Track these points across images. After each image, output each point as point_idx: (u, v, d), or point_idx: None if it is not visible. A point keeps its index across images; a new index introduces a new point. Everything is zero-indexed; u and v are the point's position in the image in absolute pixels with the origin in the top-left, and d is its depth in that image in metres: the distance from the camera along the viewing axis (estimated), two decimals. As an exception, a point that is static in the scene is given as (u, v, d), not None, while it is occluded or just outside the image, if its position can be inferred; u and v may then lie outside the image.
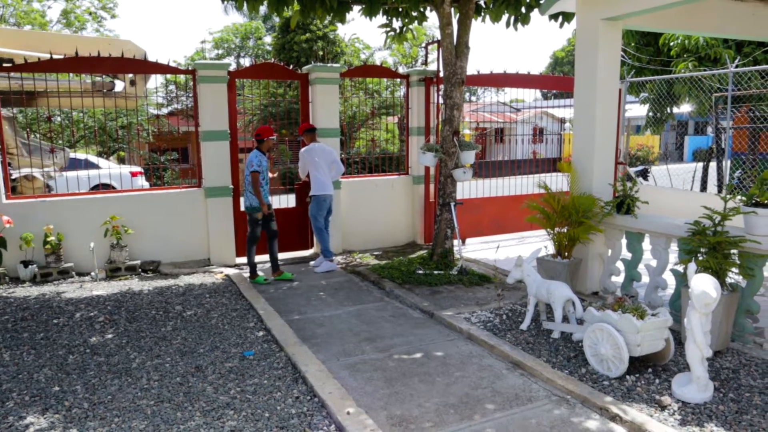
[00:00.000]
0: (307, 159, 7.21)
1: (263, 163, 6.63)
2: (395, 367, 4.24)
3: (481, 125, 22.49)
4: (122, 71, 7.30)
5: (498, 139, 23.59)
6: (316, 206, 7.19)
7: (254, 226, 6.66)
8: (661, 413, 3.43)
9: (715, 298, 3.44)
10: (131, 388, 3.92)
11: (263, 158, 6.64)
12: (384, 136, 16.44)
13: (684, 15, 6.01)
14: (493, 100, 25.09)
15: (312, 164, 7.17)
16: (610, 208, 5.41)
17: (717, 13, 6.15)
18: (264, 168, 6.61)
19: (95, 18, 19.02)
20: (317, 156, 7.16)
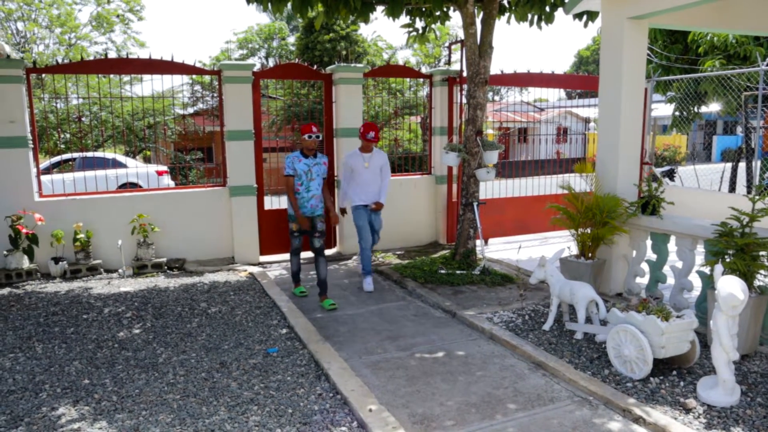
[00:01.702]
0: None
1: (299, 166, 5.75)
2: (417, 365, 4.26)
3: (505, 125, 22.37)
4: (150, 72, 7.43)
5: (522, 138, 23.43)
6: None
7: (291, 237, 6.06)
8: (685, 416, 3.39)
9: (742, 300, 3.39)
10: (158, 383, 4.00)
11: (306, 161, 5.78)
12: (407, 136, 16.46)
13: (712, 12, 5.92)
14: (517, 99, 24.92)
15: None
16: (635, 209, 5.36)
17: (747, 10, 6.05)
18: (303, 172, 5.76)
19: (123, 20, 19.38)
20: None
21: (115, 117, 14.40)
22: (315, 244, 5.89)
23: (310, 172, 5.81)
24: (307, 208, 5.84)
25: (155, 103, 11.09)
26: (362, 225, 6.32)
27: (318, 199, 5.87)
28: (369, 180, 6.39)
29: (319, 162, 5.87)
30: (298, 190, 5.80)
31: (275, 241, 7.86)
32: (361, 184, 6.39)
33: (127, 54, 19.11)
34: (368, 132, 6.28)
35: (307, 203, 5.84)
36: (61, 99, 12.95)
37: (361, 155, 6.38)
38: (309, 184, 5.80)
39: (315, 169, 5.83)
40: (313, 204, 5.86)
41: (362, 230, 6.32)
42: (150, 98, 9.72)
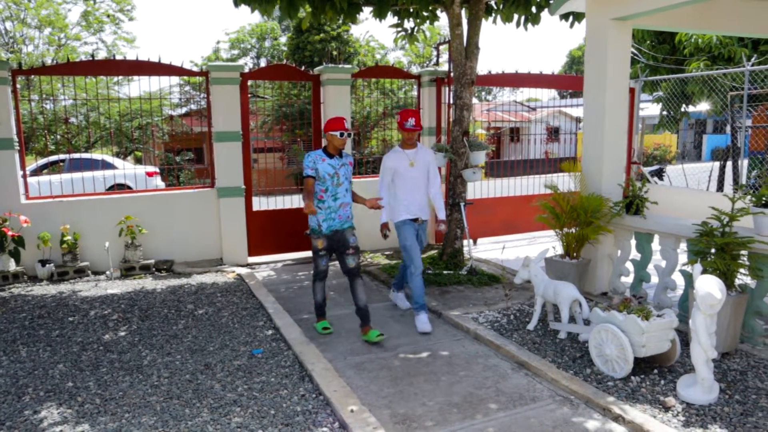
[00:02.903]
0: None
1: (323, 167, 4.70)
2: (401, 366, 4.28)
3: (496, 125, 22.42)
4: (138, 73, 7.42)
5: (513, 138, 23.50)
6: None
7: (315, 256, 4.91)
8: (664, 414, 3.42)
9: (719, 299, 3.43)
10: (142, 385, 4.00)
11: (332, 161, 4.74)
12: (399, 135, 16.49)
13: (696, 14, 5.97)
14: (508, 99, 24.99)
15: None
16: (619, 209, 5.39)
17: (729, 12, 6.10)
18: (328, 174, 4.70)
19: (113, 20, 19.31)
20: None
21: (105, 118, 14.37)
22: (349, 264, 4.80)
23: (336, 176, 4.72)
24: (335, 220, 4.76)
25: (145, 104, 11.05)
26: (411, 245, 5.07)
27: (348, 208, 4.85)
28: (415, 184, 5.12)
29: (345, 162, 4.85)
30: (322, 197, 4.72)
31: (264, 242, 7.87)
32: (405, 190, 5.07)
33: (114, 55, 18.96)
34: (407, 119, 4.98)
35: (335, 214, 4.77)
36: (50, 100, 12.89)
37: (403, 153, 5.11)
38: (336, 190, 4.74)
39: (342, 171, 4.78)
40: (343, 215, 4.80)
41: (411, 251, 5.06)
42: (139, 99, 9.67)
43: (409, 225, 5.13)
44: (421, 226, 5.29)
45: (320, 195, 4.74)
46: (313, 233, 4.83)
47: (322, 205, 4.74)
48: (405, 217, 5.12)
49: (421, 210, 5.20)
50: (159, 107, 11.44)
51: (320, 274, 5.01)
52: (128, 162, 15.09)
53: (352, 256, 4.82)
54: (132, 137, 15.22)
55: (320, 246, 4.85)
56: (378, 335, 4.71)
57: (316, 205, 4.73)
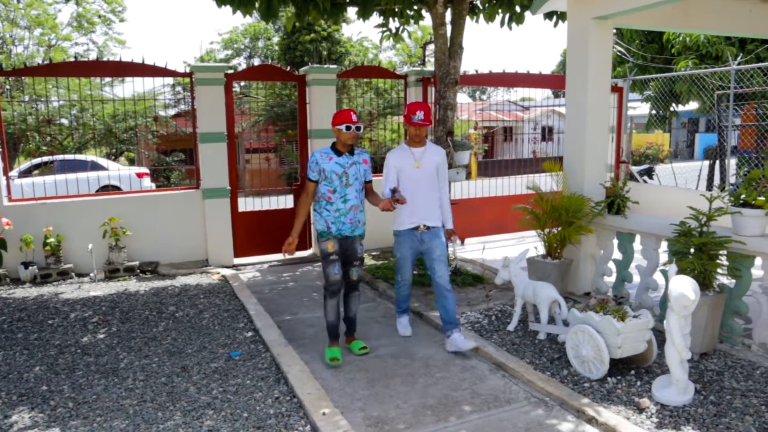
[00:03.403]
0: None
1: (329, 166, 4.24)
2: (378, 367, 4.26)
3: (489, 124, 22.40)
4: (122, 75, 7.39)
5: (506, 138, 23.49)
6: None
7: (325, 264, 4.31)
8: (638, 416, 3.41)
9: (693, 300, 3.42)
10: (116, 388, 3.97)
11: (340, 159, 4.28)
12: (390, 135, 16.45)
13: (679, 13, 5.96)
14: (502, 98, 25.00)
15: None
16: (601, 209, 5.38)
17: (713, 10, 6.09)
18: (335, 174, 4.24)
19: (104, 21, 19.25)
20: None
21: (95, 119, 14.30)
22: (352, 275, 4.44)
23: (345, 176, 4.26)
24: (345, 225, 4.30)
25: (135, 105, 11.01)
26: (403, 257, 4.67)
27: (359, 212, 4.36)
28: (420, 187, 4.52)
29: (358, 160, 4.34)
30: (330, 198, 4.26)
31: (250, 243, 7.84)
32: (408, 193, 4.44)
33: (97, 57, 19.00)
34: (415, 111, 4.42)
35: (345, 218, 4.28)
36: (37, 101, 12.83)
37: (409, 151, 4.57)
38: (345, 192, 4.27)
39: (352, 170, 4.31)
40: (353, 219, 4.32)
41: (402, 263, 4.72)
42: (125, 100, 9.63)
43: (406, 235, 4.59)
44: (428, 233, 4.56)
45: (328, 196, 4.28)
46: (322, 236, 4.32)
47: (330, 207, 4.29)
48: (404, 227, 4.57)
49: (426, 216, 4.56)
50: (149, 108, 11.41)
51: (333, 286, 4.31)
52: (118, 163, 15.04)
53: (357, 267, 4.46)
54: (122, 138, 15.17)
55: (331, 249, 4.28)
56: (361, 348, 4.50)
57: (324, 207, 4.31)
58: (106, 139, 14.17)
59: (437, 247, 4.57)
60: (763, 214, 4.18)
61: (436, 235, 4.59)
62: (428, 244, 4.58)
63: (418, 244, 4.62)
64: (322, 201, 4.35)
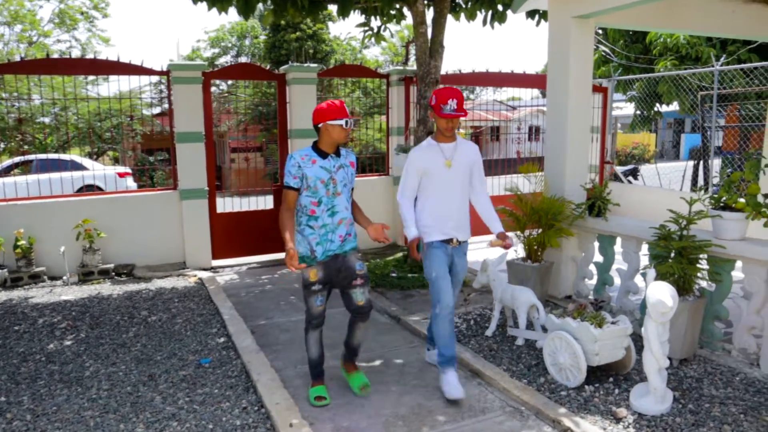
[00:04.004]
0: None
1: (312, 171, 3.47)
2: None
3: (476, 124, 22.33)
4: (95, 73, 7.23)
5: (493, 137, 23.42)
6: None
7: (306, 293, 3.61)
8: (615, 426, 3.32)
9: (671, 306, 3.33)
10: (79, 398, 3.83)
11: (325, 162, 3.52)
12: (376, 135, 16.35)
13: (661, 12, 5.88)
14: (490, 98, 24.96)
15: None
16: (581, 211, 5.30)
17: (695, 10, 6.03)
18: (319, 181, 3.48)
19: (87, 18, 18.96)
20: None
21: (76, 117, 14.08)
22: (357, 299, 3.59)
23: (332, 182, 3.50)
24: (333, 242, 3.54)
25: (119, 103, 10.80)
26: (439, 276, 3.70)
27: (349, 225, 3.63)
28: (452, 192, 3.76)
29: (345, 163, 3.61)
30: (314, 212, 3.49)
31: (228, 244, 7.70)
32: (438, 200, 3.73)
33: (82, 54, 18.73)
34: (446, 100, 3.57)
35: (333, 234, 3.54)
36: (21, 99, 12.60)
37: (437, 147, 3.73)
38: (333, 202, 3.52)
39: (340, 175, 3.55)
40: (343, 234, 3.58)
41: (439, 284, 3.70)
42: (110, 99, 9.42)
43: (438, 249, 3.73)
44: (458, 249, 3.84)
45: (311, 210, 3.49)
46: (303, 261, 3.49)
47: (314, 223, 3.49)
48: (434, 238, 3.73)
49: (459, 228, 3.79)
50: (131, 106, 11.22)
51: (315, 320, 3.65)
52: (100, 163, 14.81)
53: (362, 288, 3.58)
54: (103, 137, 14.94)
55: (313, 278, 3.51)
56: (362, 387, 3.74)
57: (306, 224, 3.50)
58: (88, 138, 13.93)
59: (461, 271, 3.90)
60: (743, 217, 4.11)
61: (464, 255, 3.92)
62: (454, 265, 3.85)
63: (448, 260, 3.81)
64: (302, 216, 3.52)
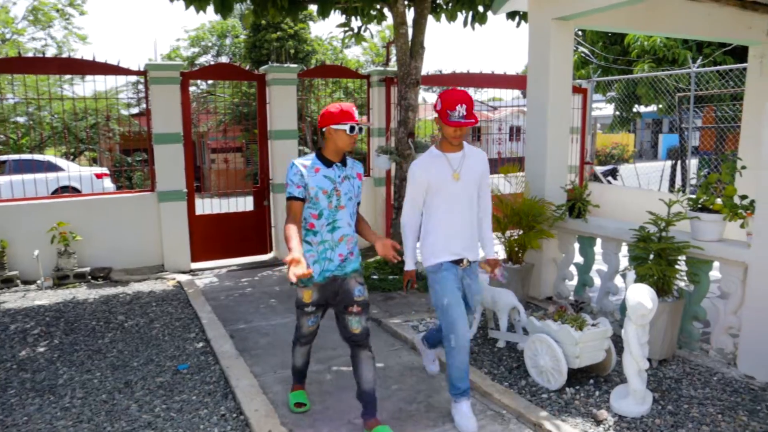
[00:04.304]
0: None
1: (316, 181, 3.14)
2: (332, 380, 4.10)
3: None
4: (69, 72, 7.08)
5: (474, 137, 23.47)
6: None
7: (299, 313, 3.39)
8: (596, 428, 3.32)
9: (650, 309, 3.34)
10: (51, 408, 3.73)
11: (329, 171, 3.18)
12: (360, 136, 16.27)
13: (639, 15, 5.93)
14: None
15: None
16: (562, 212, 5.31)
17: (673, 13, 6.08)
18: (321, 192, 3.14)
19: (63, 15, 18.62)
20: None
21: (53, 116, 13.82)
22: (353, 327, 3.23)
23: (336, 194, 3.17)
24: (332, 261, 3.21)
25: (92, 103, 10.62)
26: (450, 302, 3.33)
27: (351, 243, 3.26)
28: (460, 207, 3.40)
29: (351, 174, 3.26)
30: (312, 226, 3.18)
31: (208, 247, 7.61)
32: (445, 216, 3.39)
33: (40, 51, 18.35)
34: (454, 106, 3.18)
35: (332, 252, 3.20)
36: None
37: (443, 158, 3.37)
38: (335, 216, 3.18)
39: (345, 186, 3.21)
40: (345, 253, 3.23)
41: (451, 312, 3.33)
42: (82, 98, 9.25)
43: (448, 272, 3.37)
44: (469, 271, 3.49)
45: (310, 223, 3.17)
46: (300, 282, 3.17)
47: (313, 238, 3.17)
48: (443, 259, 3.36)
49: (469, 247, 3.44)
50: (107, 106, 11.03)
51: (304, 338, 3.46)
52: (77, 164, 14.56)
53: (358, 316, 3.21)
54: (79, 137, 14.69)
55: (307, 299, 3.25)
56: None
57: (303, 239, 3.17)
58: (64, 138, 13.67)
59: (475, 293, 3.58)
60: (720, 218, 4.15)
61: (475, 277, 3.57)
62: (467, 287, 3.50)
63: (459, 282, 3.44)
64: (301, 232, 3.20)
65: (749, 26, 6.27)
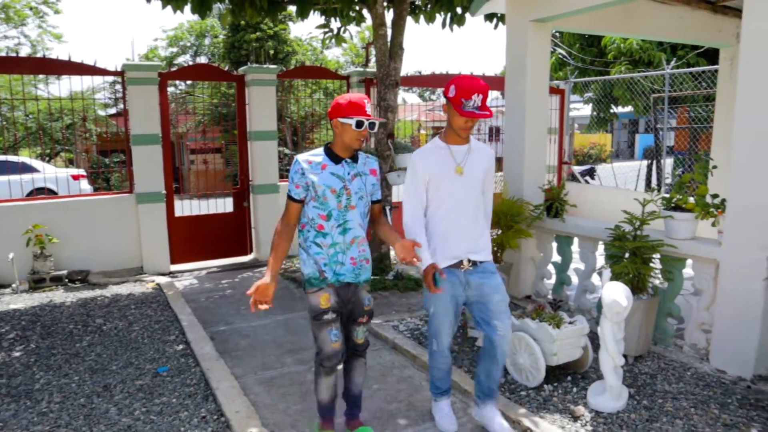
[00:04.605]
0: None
1: (322, 179, 2.88)
2: (314, 380, 4.10)
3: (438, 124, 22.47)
4: (44, 72, 6.98)
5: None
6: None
7: (316, 327, 2.97)
8: (573, 424, 3.38)
9: (625, 306, 3.41)
10: (28, 413, 3.69)
11: (336, 168, 2.92)
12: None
13: (614, 18, 6.03)
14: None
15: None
16: (540, 212, 5.38)
17: (646, 16, 6.19)
18: (329, 190, 2.88)
19: (36, 13, 18.31)
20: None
21: (25, 117, 13.60)
22: (357, 337, 3.12)
23: (345, 192, 2.91)
24: (344, 265, 2.96)
25: (68, 103, 10.47)
26: (439, 310, 3.18)
27: (365, 246, 3.03)
28: (464, 204, 3.14)
29: (363, 171, 2.99)
30: (321, 227, 2.92)
31: (187, 249, 7.56)
32: (447, 214, 3.13)
33: (13, 50, 18.01)
34: (469, 95, 2.91)
35: (344, 256, 2.95)
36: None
37: (447, 150, 3.13)
38: (345, 217, 2.92)
39: (356, 184, 2.94)
40: (356, 256, 2.99)
41: (436, 319, 3.21)
42: (57, 98, 9.12)
43: (446, 275, 3.08)
44: (475, 272, 3.16)
45: (319, 224, 2.91)
46: (311, 284, 2.94)
47: (323, 240, 2.91)
48: (443, 262, 3.11)
49: (474, 248, 3.15)
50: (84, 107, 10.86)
51: (330, 361, 2.98)
52: (52, 165, 14.33)
53: (365, 326, 3.11)
54: (55, 138, 14.47)
55: (324, 304, 2.91)
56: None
57: (313, 240, 2.93)
58: (39, 139, 13.47)
59: (494, 292, 3.15)
60: (693, 217, 4.24)
61: (489, 274, 3.19)
62: (479, 289, 3.15)
63: (462, 289, 3.15)
64: (309, 231, 2.95)
65: (719, 29, 6.42)
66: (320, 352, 3.00)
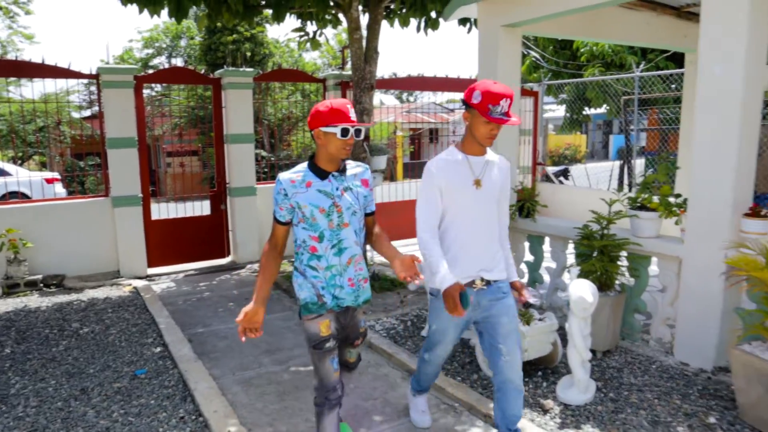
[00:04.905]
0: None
1: (307, 198, 2.63)
2: (290, 380, 4.17)
3: (415, 126, 22.67)
4: (17, 75, 6.93)
5: (431, 139, 23.85)
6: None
7: (317, 356, 2.75)
8: (542, 417, 3.50)
9: (591, 302, 3.54)
10: (3, 418, 3.69)
11: (323, 184, 2.65)
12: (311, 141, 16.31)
13: (583, 23, 6.19)
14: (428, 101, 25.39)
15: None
16: (512, 212, 5.51)
17: (614, 21, 6.37)
18: (317, 210, 2.62)
19: (6, 13, 18.02)
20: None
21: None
22: (350, 357, 3.08)
23: (335, 210, 2.65)
24: (342, 288, 2.73)
25: (41, 105, 10.36)
26: (440, 329, 3.05)
27: (360, 265, 2.79)
28: (479, 219, 2.92)
29: (353, 183, 2.73)
30: (315, 249, 2.67)
31: (164, 252, 7.55)
32: (462, 230, 2.91)
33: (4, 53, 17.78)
34: (498, 100, 2.66)
35: (341, 278, 2.72)
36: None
37: (465, 160, 2.89)
38: (339, 236, 2.67)
39: (346, 200, 2.67)
40: (353, 277, 2.76)
41: (433, 337, 3.12)
42: (30, 101, 9.03)
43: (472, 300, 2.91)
44: (488, 292, 2.94)
45: (312, 246, 2.67)
46: (309, 311, 2.71)
47: (318, 263, 2.68)
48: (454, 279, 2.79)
49: (489, 266, 2.93)
50: (58, 109, 10.75)
51: (332, 393, 2.80)
52: (25, 168, 14.15)
53: (359, 347, 3.08)
54: (29, 141, 14.28)
55: (325, 331, 2.71)
56: None
57: (307, 264, 2.70)
58: (11, 141, 13.29)
59: (504, 314, 2.93)
60: (657, 216, 4.40)
61: (502, 295, 2.96)
62: (488, 309, 2.94)
63: (471, 309, 2.93)
64: (303, 254, 2.71)
65: (685, 35, 6.63)
66: (323, 385, 2.77)
